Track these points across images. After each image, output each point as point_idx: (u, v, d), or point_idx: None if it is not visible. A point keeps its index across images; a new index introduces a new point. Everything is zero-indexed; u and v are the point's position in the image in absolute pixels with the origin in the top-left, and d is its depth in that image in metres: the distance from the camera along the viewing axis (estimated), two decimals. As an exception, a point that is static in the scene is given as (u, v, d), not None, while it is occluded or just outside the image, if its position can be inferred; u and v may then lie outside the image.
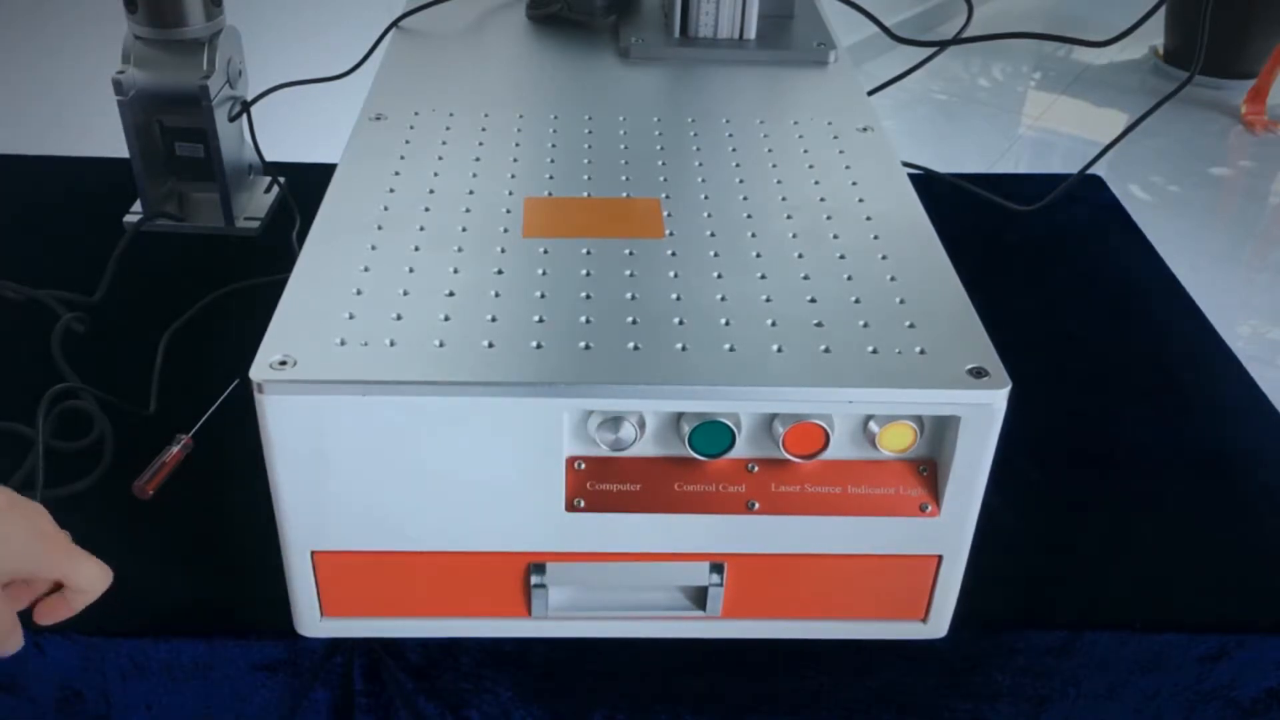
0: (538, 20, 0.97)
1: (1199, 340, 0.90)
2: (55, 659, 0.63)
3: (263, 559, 0.61)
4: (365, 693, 0.65)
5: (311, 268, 0.61)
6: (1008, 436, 0.56)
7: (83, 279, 0.89)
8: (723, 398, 0.54)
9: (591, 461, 0.57)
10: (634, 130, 0.77)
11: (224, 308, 0.88)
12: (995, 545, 0.63)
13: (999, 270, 0.97)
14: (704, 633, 0.63)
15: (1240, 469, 0.77)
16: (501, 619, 0.62)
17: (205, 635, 0.63)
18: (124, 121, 0.92)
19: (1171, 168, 2.85)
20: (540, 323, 0.57)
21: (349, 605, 0.61)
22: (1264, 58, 3.11)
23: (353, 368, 0.54)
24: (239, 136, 0.98)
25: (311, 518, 0.57)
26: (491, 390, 0.53)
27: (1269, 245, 2.61)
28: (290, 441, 0.54)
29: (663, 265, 0.63)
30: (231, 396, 0.77)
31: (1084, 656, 0.66)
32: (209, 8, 0.91)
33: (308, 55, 1.24)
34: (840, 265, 0.63)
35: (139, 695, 0.65)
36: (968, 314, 0.59)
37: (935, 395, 0.54)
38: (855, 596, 0.62)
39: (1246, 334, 2.22)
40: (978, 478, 0.57)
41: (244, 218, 0.99)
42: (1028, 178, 1.14)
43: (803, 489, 0.58)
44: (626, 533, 0.58)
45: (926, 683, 0.67)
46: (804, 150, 0.75)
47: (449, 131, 0.76)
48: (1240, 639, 0.66)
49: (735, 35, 0.91)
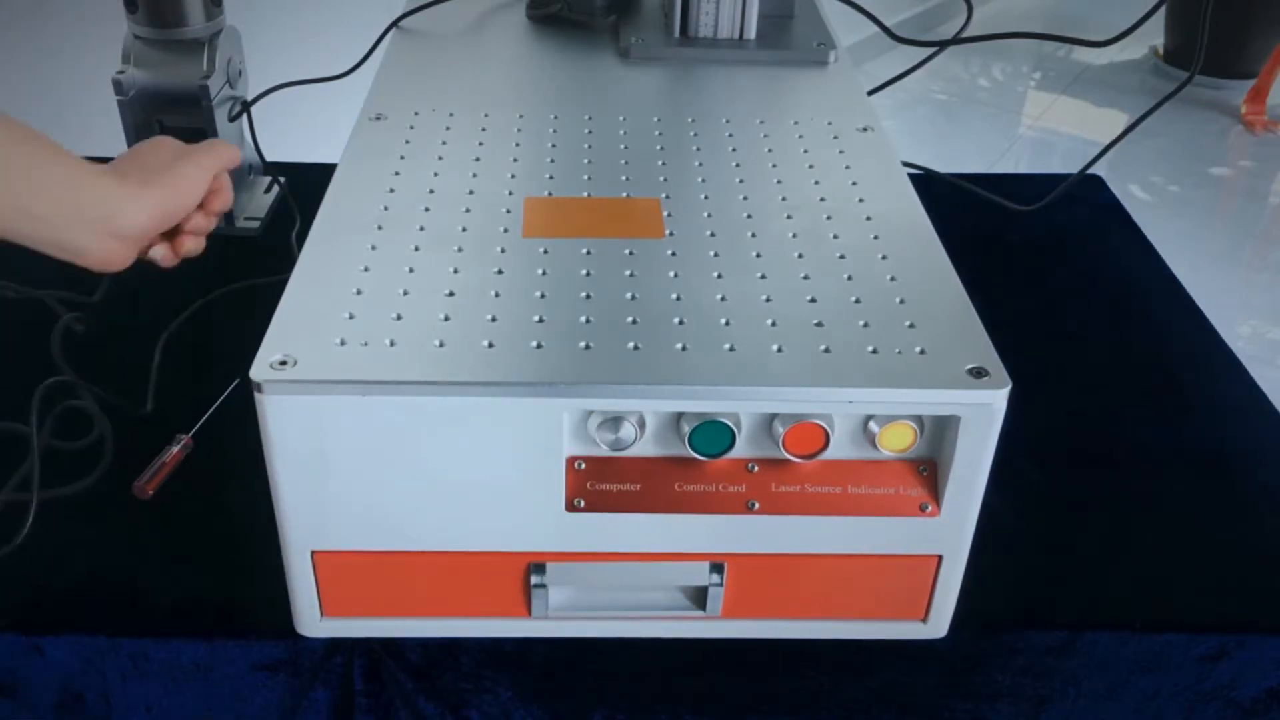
0: (538, 20, 0.97)
1: (1199, 340, 0.90)
2: (55, 660, 0.63)
3: (263, 559, 0.61)
4: (365, 693, 0.65)
5: (311, 268, 0.61)
6: (1008, 436, 0.56)
7: (83, 279, 0.89)
8: (723, 398, 0.54)
9: (591, 461, 0.57)
10: (634, 130, 0.77)
11: (224, 308, 0.88)
12: (995, 545, 0.63)
13: (999, 270, 0.97)
14: (704, 633, 0.63)
15: (1240, 469, 0.77)
16: (501, 619, 0.62)
17: (205, 635, 0.63)
18: (124, 121, 0.92)
19: (1171, 168, 2.85)
20: (540, 323, 0.57)
21: (349, 605, 0.61)
22: (1264, 58, 3.11)
23: (353, 368, 0.54)
24: (239, 136, 0.98)
25: (311, 518, 0.57)
26: (491, 390, 0.53)
27: (1269, 245, 2.61)
28: (290, 441, 0.54)
29: (663, 265, 0.63)
30: (231, 396, 0.77)
31: (1084, 656, 0.66)
32: (209, 8, 0.91)
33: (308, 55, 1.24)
34: (840, 265, 0.63)
35: (139, 696, 0.65)
36: (968, 314, 0.59)
37: (935, 395, 0.54)
38: (855, 596, 0.62)
39: (1246, 334, 2.22)
40: (978, 478, 0.57)
41: (244, 218, 0.99)
42: (1028, 178, 1.14)
43: (803, 489, 0.58)
44: (626, 533, 0.58)
45: (926, 683, 0.67)
46: (804, 150, 0.75)
47: (449, 131, 0.76)
48: (1240, 639, 0.66)
49: (735, 35, 0.91)
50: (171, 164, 0.64)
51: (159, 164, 0.64)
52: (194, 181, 0.64)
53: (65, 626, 0.62)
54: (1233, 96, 3.16)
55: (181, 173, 0.64)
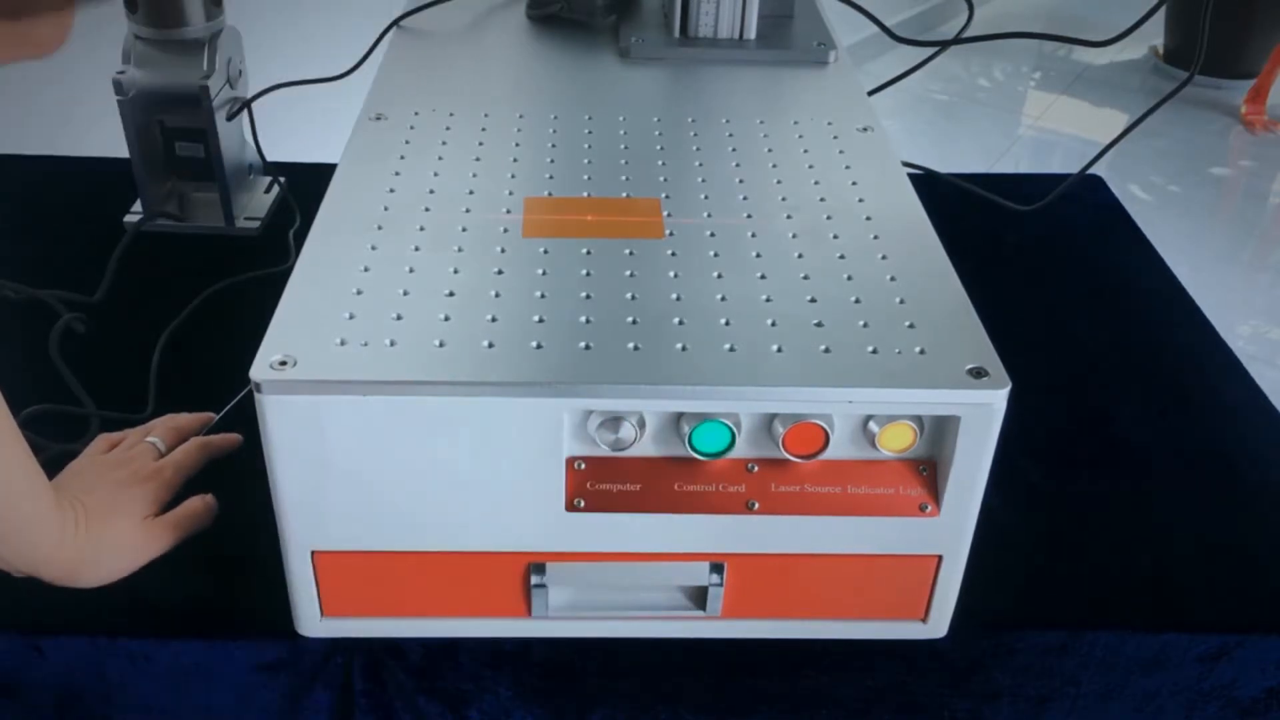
0: (538, 20, 0.97)
1: (1199, 340, 0.90)
2: (55, 661, 0.63)
3: (263, 559, 0.61)
4: (365, 693, 0.65)
5: (311, 268, 0.61)
6: (1008, 436, 0.56)
7: (83, 279, 0.89)
8: (723, 398, 0.54)
9: (591, 461, 0.57)
10: (634, 130, 0.77)
11: (224, 308, 0.88)
12: (995, 545, 0.63)
13: (999, 270, 0.97)
14: (704, 633, 0.63)
15: (1240, 469, 0.77)
16: (501, 619, 0.62)
17: (205, 635, 0.63)
18: (124, 121, 0.92)
19: (1171, 168, 2.85)
20: (540, 323, 0.57)
21: (349, 605, 0.61)
22: (1264, 58, 3.11)
23: (353, 368, 0.54)
24: (239, 136, 0.98)
25: (311, 518, 0.57)
26: (491, 390, 0.53)
27: (1269, 245, 2.61)
28: (290, 441, 0.54)
29: (663, 265, 0.63)
30: (231, 397, 0.77)
31: (1084, 656, 0.66)
32: (209, 8, 0.91)
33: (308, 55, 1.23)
34: (840, 265, 0.63)
35: (139, 696, 0.65)
36: (968, 314, 0.59)
37: (935, 395, 0.54)
38: (855, 596, 0.62)
39: (1246, 334, 2.22)
40: (978, 478, 0.57)
41: (244, 218, 0.99)
42: (1028, 178, 1.14)
43: (803, 489, 0.58)
44: (626, 533, 0.58)
45: (926, 683, 0.67)
46: (804, 150, 0.75)
47: (449, 131, 0.76)
48: (1240, 639, 0.66)
49: (735, 35, 0.91)
50: (139, 525, 0.64)
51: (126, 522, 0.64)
52: (161, 544, 0.65)
53: (65, 626, 0.62)
54: (1233, 96, 3.16)
55: (151, 539, 0.65)
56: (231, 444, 0.72)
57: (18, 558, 0.59)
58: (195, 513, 0.67)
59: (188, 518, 0.66)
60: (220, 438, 0.72)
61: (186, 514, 0.66)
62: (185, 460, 0.69)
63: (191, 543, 0.67)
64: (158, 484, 0.66)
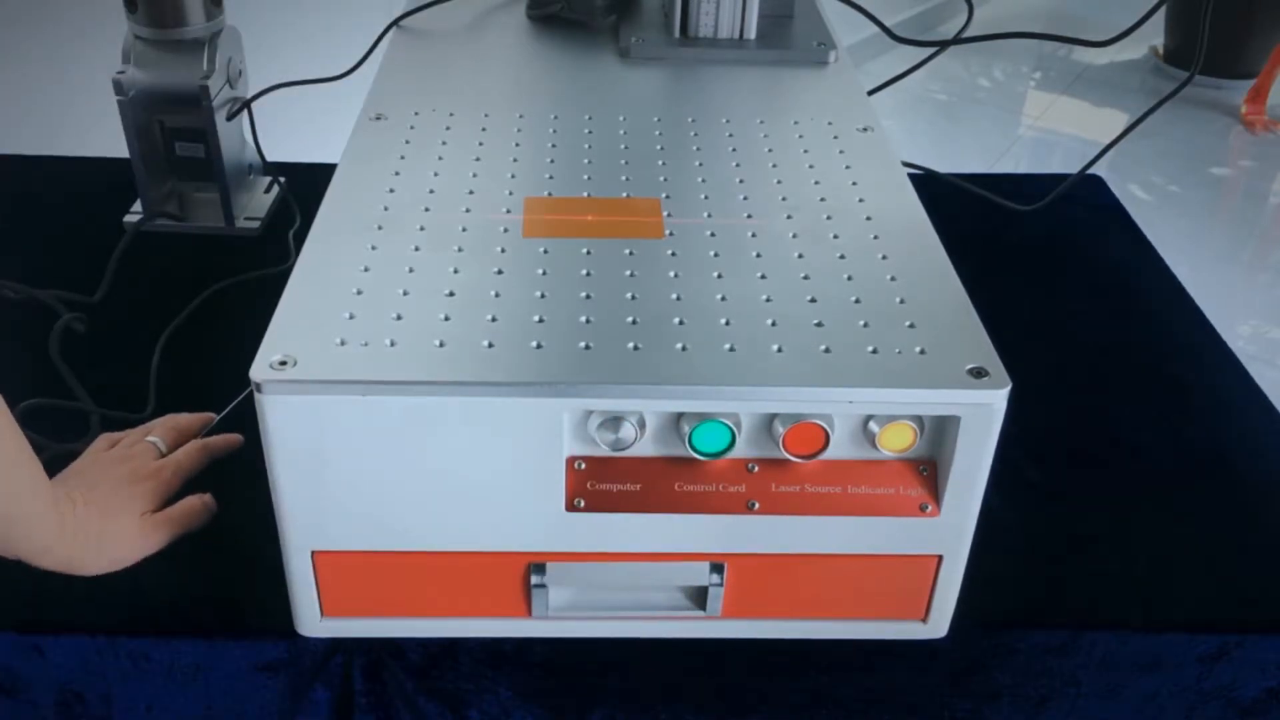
0: (538, 20, 0.97)
1: (1199, 340, 0.90)
2: (55, 661, 0.63)
3: (263, 559, 0.61)
4: (365, 692, 0.65)
5: (311, 268, 0.61)
6: (1008, 436, 0.56)
7: (83, 279, 0.89)
8: (723, 398, 0.54)
9: (591, 461, 0.57)
10: (634, 130, 0.77)
11: (223, 307, 0.88)
12: (995, 545, 0.63)
13: (999, 270, 0.97)
14: (704, 633, 0.63)
15: (1240, 469, 0.77)
16: (501, 619, 0.62)
17: (205, 635, 0.63)
18: (124, 121, 0.92)
19: (1171, 168, 2.85)
20: (540, 323, 0.57)
21: (349, 605, 0.61)
22: (1264, 58, 3.11)
23: (353, 368, 0.54)
24: (239, 136, 0.98)
25: (311, 518, 0.57)
26: (491, 390, 0.53)
27: (1269, 245, 2.61)
28: (290, 441, 0.54)
29: (663, 265, 0.63)
30: (230, 397, 0.77)
31: (1084, 656, 0.66)
32: (209, 8, 0.91)
33: (308, 55, 1.24)
34: (840, 265, 0.63)
35: (139, 696, 0.65)
36: (968, 314, 0.59)
37: (935, 395, 0.54)
38: (855, 596, 0.62)
39: (1246, 334, 2.22)
40: (978, 478, 0.57)
41: (244, 218, 0.99)
42: (1028, 178, 1.14)
43: (803, 489, 0.58)
44: (626, 533, 0.58)
45: (926, 683, 0.67)
46: (804, 150, 0.75)
47: (449, 131, 0.76)
48: (1240, 639, 0.66)
49: (735, 35, 0.91)
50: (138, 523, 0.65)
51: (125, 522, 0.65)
52: (157, 539, 0.66)
53: (65, 626, 0.62)
54: (1233, 96, 3.16)
55: (146, 540, 0.65)
56: (232, 444, 0.72)
57: (16, 549, 0.59)
58: (193, 510, 0.67)
59: (185, 515, 0.66)
60: (220, 438, 0.72)
61: (184, 511, 0.67)
62: (185, 462, 0.69)
63: (192, 542, 0.67)
64: (156, 483, 0.66)
